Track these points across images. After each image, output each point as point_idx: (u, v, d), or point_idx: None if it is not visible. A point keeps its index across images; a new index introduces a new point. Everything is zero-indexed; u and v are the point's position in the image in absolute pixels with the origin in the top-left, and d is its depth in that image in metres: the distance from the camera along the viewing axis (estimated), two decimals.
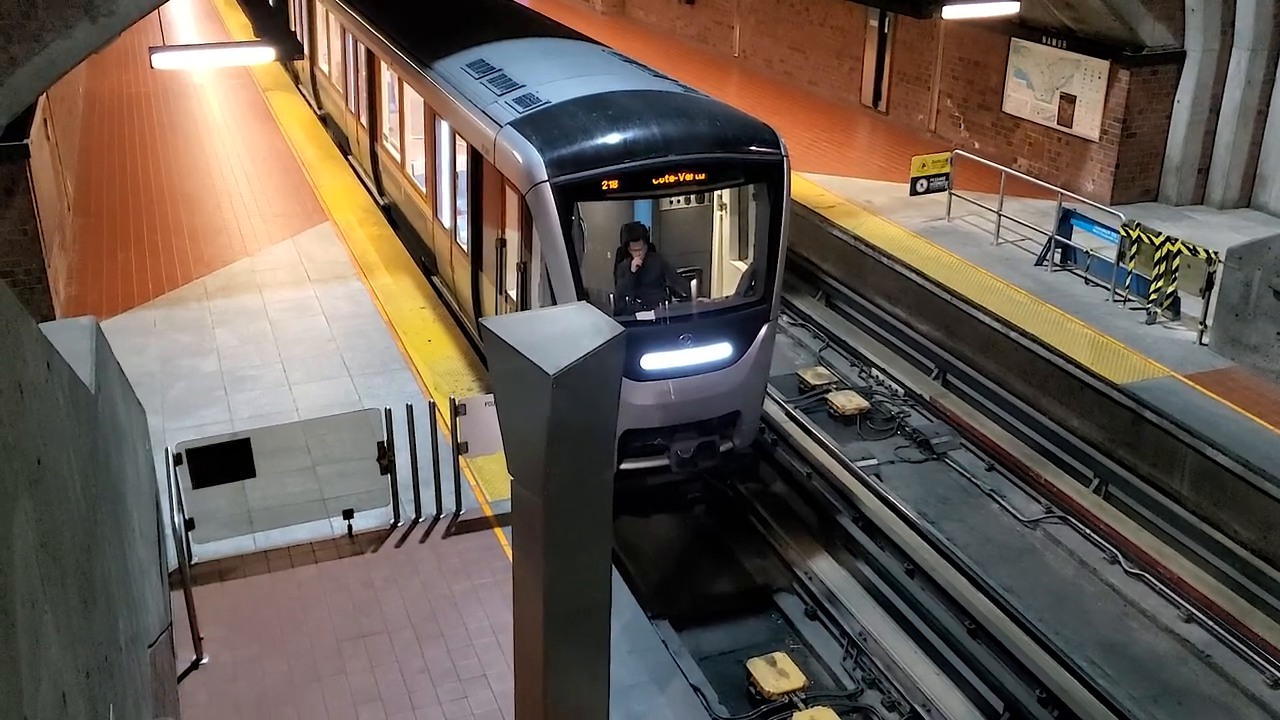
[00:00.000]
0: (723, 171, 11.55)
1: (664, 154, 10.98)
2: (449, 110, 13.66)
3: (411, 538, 10.46)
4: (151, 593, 7.61)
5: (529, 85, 12.48)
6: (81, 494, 4.94)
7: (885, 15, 24.80)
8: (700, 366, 11.37)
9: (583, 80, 12.40)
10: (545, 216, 10.71)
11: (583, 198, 11.01)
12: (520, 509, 6.61)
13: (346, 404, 12.32)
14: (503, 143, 11.52)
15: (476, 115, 12.50)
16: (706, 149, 11.22)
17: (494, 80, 13.05)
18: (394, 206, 18.07)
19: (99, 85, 26.32)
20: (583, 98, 11.75)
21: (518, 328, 6.32)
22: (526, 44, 14.69)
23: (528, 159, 10.91)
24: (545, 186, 10.67)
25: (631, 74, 13.15)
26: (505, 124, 11.66)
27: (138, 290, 15.53)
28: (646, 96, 11.90)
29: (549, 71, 12.96)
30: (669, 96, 12.15)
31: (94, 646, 4.56)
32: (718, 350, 11.42)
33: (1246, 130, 19.20)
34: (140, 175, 20.17)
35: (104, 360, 7.25)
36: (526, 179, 10.86)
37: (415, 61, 15.33)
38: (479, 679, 8.76)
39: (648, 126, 11.12)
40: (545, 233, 10.75)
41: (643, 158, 10.93)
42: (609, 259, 12.15)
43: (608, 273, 12.03)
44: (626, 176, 10.92)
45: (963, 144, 22.52)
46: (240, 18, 32.31)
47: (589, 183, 10.83)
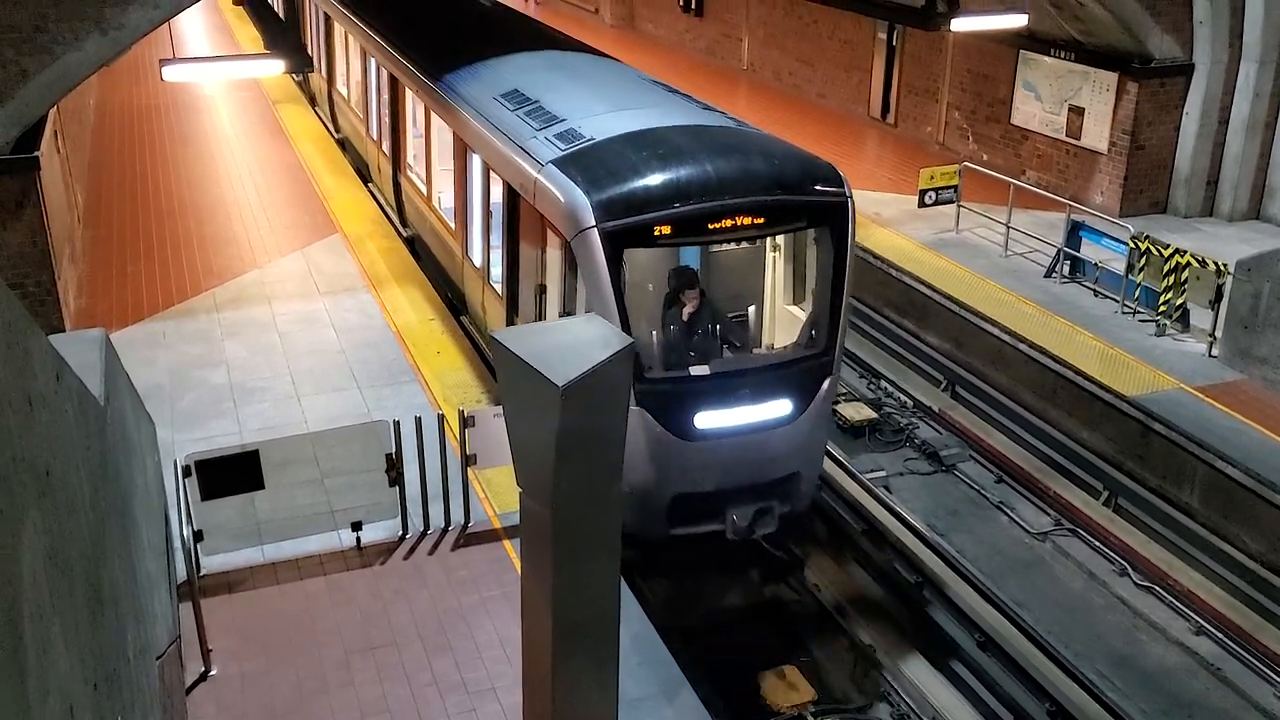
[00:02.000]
0: (783, 214, 10.70)
1: (720, 197, 10.15)
2: (482, 144, 12.89)
3: (420, 550, 10.45)
4: (160, 604, 7.61)
5: (570, 119, 11.64)
6: (90, 506, 4.94)
7: (894, 28, 24.82)
8: (758, 425, 10.41)
9: (627, 113, 11.63)
10: (592, 264, 9.86)
11: (632, 245, 10.14)
12: (529, 521, 6.61)
13: (355, 416, 12.33)
14: (544, 183, 10.70)
15: (514, 151, 11.70)
16: (765, 190, 10.38)
17: (531, 113, 12.21)
18: (418, 239, 17.37)
19: (110, 97, 26.44)
20: (630, 134, 10.92)
21: (526, 340, 6.32)
22: (562, 72, 13.82)
23: (572, 202, 10.08)
24: (592, 233, 9.83)
25: (679, 106, 12.31)
26: (546, 162, 10.84)
27: (147, 302, 15.57)
28: (698, 132, 11.09)
29: (590, 103, 12.17)
30: (722, 132, 11.33)
31: (102, 658, 4.56)
32: (777, 407, 10.47)
33: (1255, 142, 19.18)
34: (150, 187, 20.24)
35: (113, 372, 7.27)
36: (571, 224, 10.03)
37: (443, 89, 14.57)
38: (487, 692, 8.75)
39: (702, 166, 10.27)
40: (591, 281, 9.88)
41: (697, 201, 10.08)
42: (656, 306, 11.30)
43: (656, 322, 11.19)
44: (680, 221, 10.06)
45: (971, 156, 22.52)
46: (250, 30, 32.47)
47: (639, 229, 9.97)
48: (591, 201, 9.92)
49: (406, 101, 17.11)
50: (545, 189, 10.67)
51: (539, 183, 10.81)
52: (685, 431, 10.15)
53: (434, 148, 15.74)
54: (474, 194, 13.70)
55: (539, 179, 10.82)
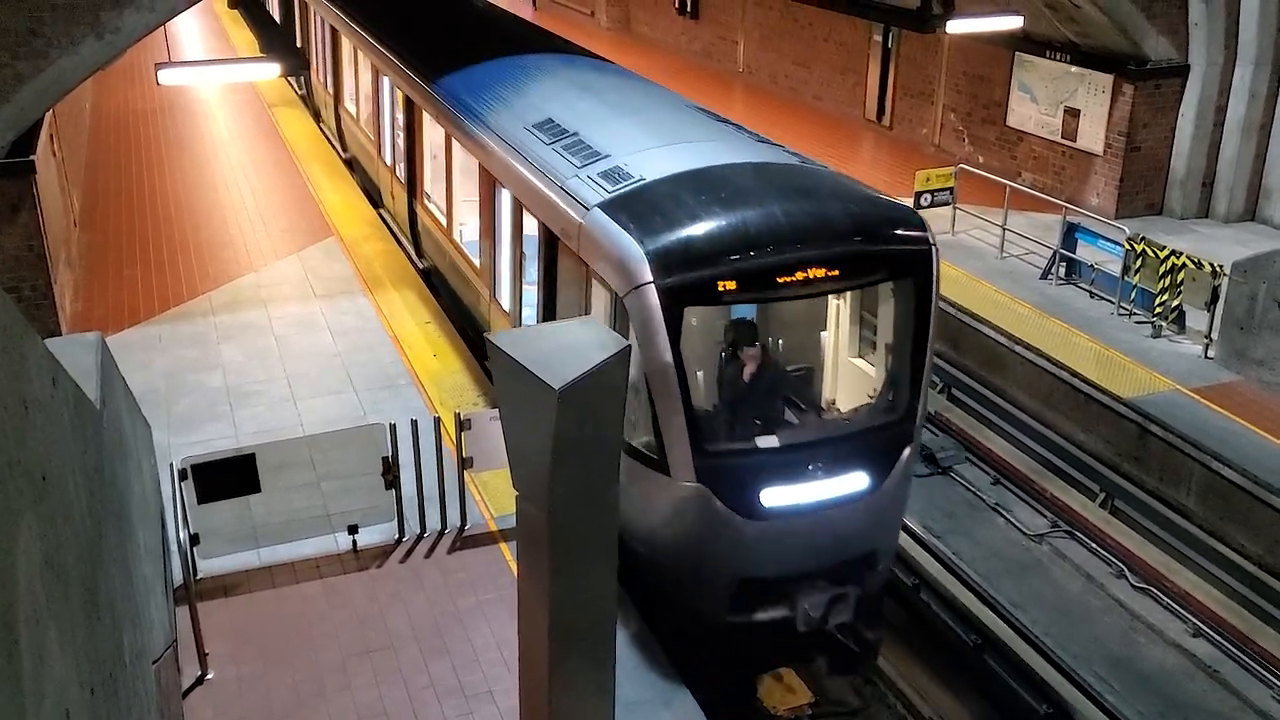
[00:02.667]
0: (862, 266, 9.63)
1: (792, 247, 9.11)
2: (512, 179, 11.80)
3: (416, 553, 10.44)
4: (156, 608, 7.60)
5: (614, 154, 10.59)
6: (86, 510, 4.94)
7: (889, 30, 24.86)
8: (832, 501, 9.37)
9: (678, 148, 10.57)
10: (648, 325, 8.76)
11: (694, 302, 9.14)
12: (525, 524, 6.61)
13: (351, 419, 12.32)
14: (591, 229, 9.65)
15: (552, 191, 10.63)
16: (843, 239, 9.38)
17: (570, 147, 11.13)
18: (436, 272, 16.30)
19: (105, 101, 26.43)
20: (685, 174, 9.87)
21: (523, 343, 6.32)
22: (599, 98, 12.58)
23: (626, 254, 9.02)
24: (649, 289, 8.74)
25: (733, 139, 11.19)
26: (592, 206, 9.81)
27: (143, 306, 15.56)
28: (762, 171, 10.07)
29: (634, 135, 11.08)
30: (788, 171, 10.30)
31: (98, 663, 4.55)
32: (853, 481, 9.44)
33: (1250, 144, 19.21)
34: (146, 191, 20.23)
35: (109, 376, 7.26)
36: (624, 278, 8.97)
37: (466, 115, 13.50)
38: (484, 695, 8.74)
39: (769, 212, 9.26)
40: (647, 343, 8.79)
41: (766, 252, 9.04)
42: (711, 365, 10.27)
43: (714, 383, 10.21)
44: (748, 276, 9.00)
45: (967, 158, 22.54)
46: (246, 34, 32.46)
47: (702, 285, 8.90)
48: (647, 253, 8.87)
49: (424, 126, 15.95)
50: (591, 236, 9.65)
51: (583, 229, 9.78)
52: (751, 510, 9.11)
53: (455, 177, 14.57)
54: (503, 232, 12.67)
55: (583, 225, 9.78)
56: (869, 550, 9.81)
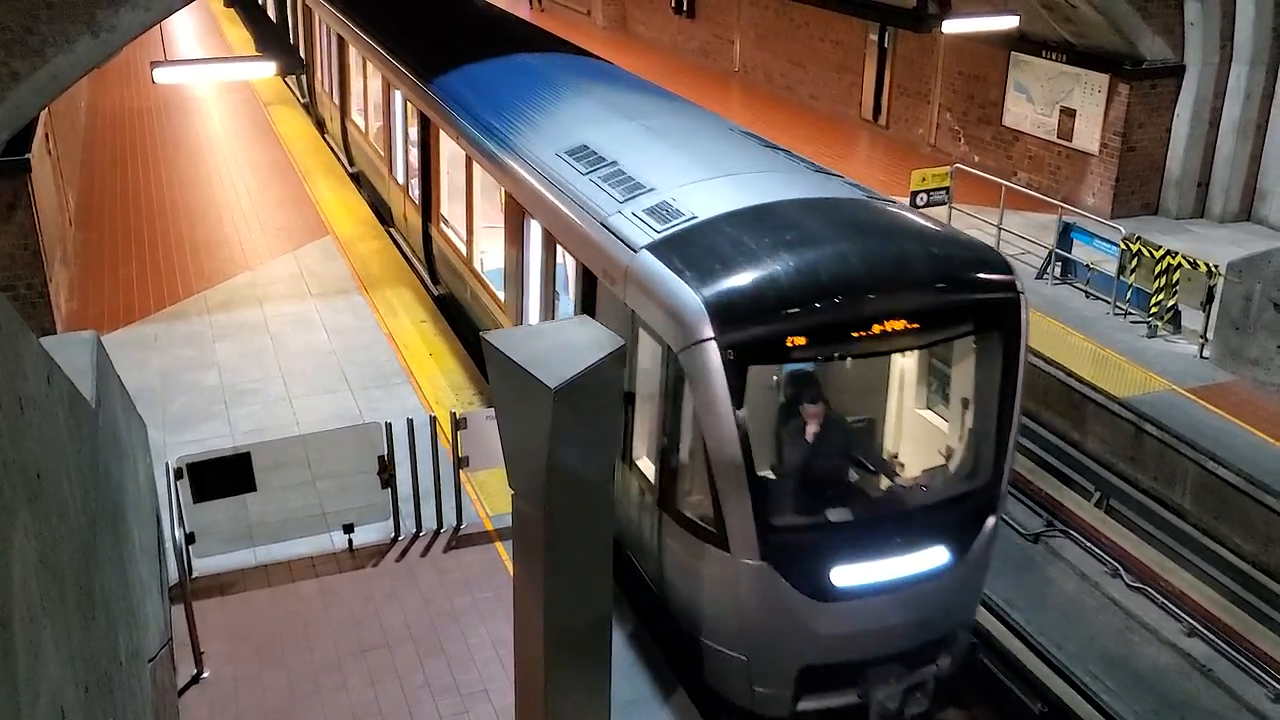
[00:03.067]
0: (946, 317, 8.61)
1: (869, 297, 8.19)
2: (544, 211, 10.89)
3: (412, 552, 10.44)
4: (152, 608, 7.59)
5: (660, 188, 9.64)
6: (81, 509, 4.93)
7: (885, 29, 24.88)
8: (910, 579, 8.46)
9: (730, 181, 9.64)
10: (708, 385, 7.85)
11: (760, 360, 8.26)
12: (521, 523, 6.61)
13: (347, 418, 12.31)
14: (640, 274, 8.71)
15: (592, 228, 9.72)
16: (924, 288, 8.44)
17: (610, 178, 10.18)
18: (454, 299, 15.31)
19: (101, 100, 26.39)
20: (742, 212, 8.98)
21: (519, 342, 6.32)
22: (638, 122, 11.55)
23: (682, 304, 8.08)
24: (709, 346, 7.82)
25: (790, 170, 10.23)
26: (640, 248, 8.86)
27: (139, 304, 15.54)
28: (827, 209, 9.14)
29: (680, 165, 10.13)
30: (857, 208, 9.36)
31: (93, 662, 4.55)
32: (933, 555, 8.55)
33: (1246, 144, 19.24)
34: (142, 190, 20.20)
35: (105, 374, 7.26)
36: (681, 332, 8.03)
37: (489, 137, 12.52)
38: (480, 694, 8.74)
39: (842, 256, 8.34)
40: (707, 406, 7.89)
41: (841, 303, 8.12)
42: (774, 427, 9.18)
43: (778, 448, 9.12)
44: (821, 330, 8.10)
45: (963, 157, 22.56)
46: (241, 32, 32.42)
47: (770, 340, 8.00)
48: (706, 305, 7.93)
49: (441, 145, 14.86)
50: (640, 282, 8.70)
51: (631, 273, 8.84)
52: (820, 590, 8.23)
53: (477, 203, 13.63)
54: (531, 266, 11.72)
55: (630, 268, 8.85)
56: (948, 630, 8.92)
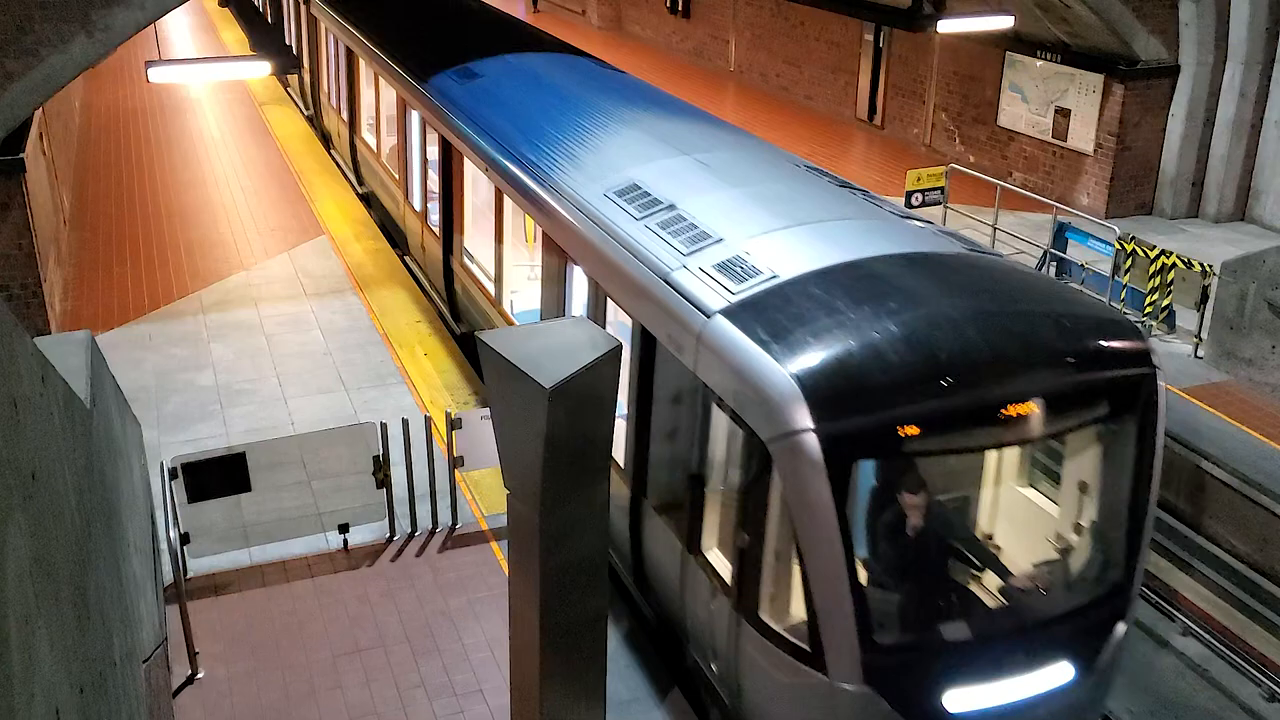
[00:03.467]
0: (1079, 400, 7.36)
1: (993, 378, 6.95)
2: (591, 258, 9.58)
3: (407, 552, 10.43)
4: (146, 608, 7.58)
5: (729, 238, 8.42)
6: (76, 509, 4.92)
7: (880, 30, 24.90)
8: (1031, 700, 7.36)
9: (809, 231, 8.37)
10: (805, 482, 6.66)
11: (868, 454, 7.14)
12: (516, 523, 6.60)
13: (342, 418, 12.31)
14: (717, 345, 7.47)
15: (653, 285, 8.39)
16: (1054, 364, 7.17)
17: (670, 224, 8.91)
18: (478, 340, 12.82)
19: (95, 99, 26.35)
20: (831, 271, 7.72)
21: (514, 342, 6.31)
22: (694, 156, 10.20)
23: (772, 386, 6.85)
24: (808, 438, 6.60)
25: (872, 215, 8.93)
26: (715, 312, 7.63)
27: (133, 304, 15.52)
28: (929, 266, 7.83)
29: (748, 211, 8.87)
30: (963, 266, 8.01)
31: (88, 663, 4.54)
32: (1057, 672, 7.43)
33: (1240, 143, 19.27)
34: (136, 189, 20.18)
35: (99, 374, 7.24)
36: (771, 419, 6.82)
37: (525, 172, 11.19)
38: (475, 694, 8.74)
39: (956, 327, 7.07)
40: (804, 505, 6.70)
41: (962, 386, 6.87)
42: (874, 527, 7.89)
43: (882, 554, 7.82)
44: (939, 419, 6.85)
45: (958, 157, 22.58)
46: (236, 32, 32.38)
47: (880, 432, 6.76)
48: (804, 388, 6.72)
49: (466, 173, 13.62)
50: (717, 354, 7.48)
51: (704, 341, 7.61)
52: (931, 716, 7.18)
53: (507, 239, 12.46)
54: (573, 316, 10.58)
55: (704, 336, 7.62)
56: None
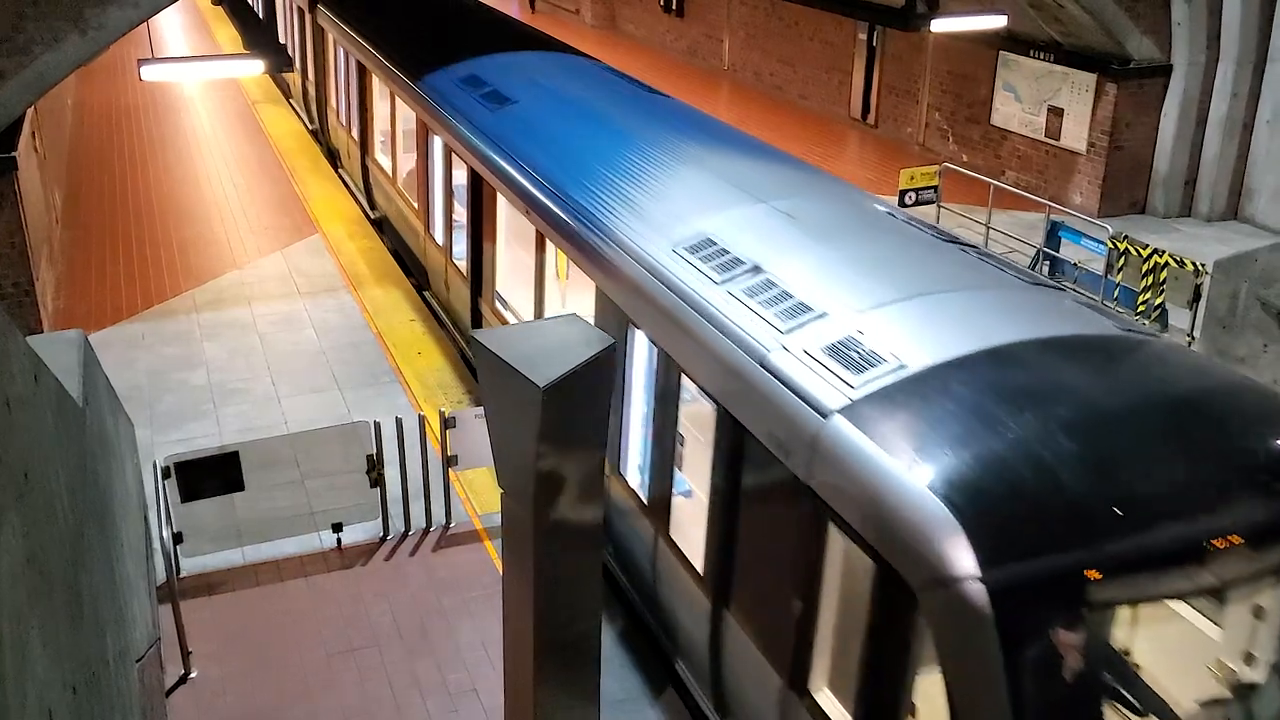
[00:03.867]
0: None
1: (1195, 508, 5.51)
2: (661, 326, 8.09)
3: (401, 551, 10.42)
4: (139, 607, 7.57)
5: (832, 311, 6.93)
6: (69, 508, 4.92)
7: (874, 29, 24.92)
8: None
9: (934, 304, 6.88)
10: (968, 643, 5.17)
11: (1046, 606, 5.28)
12: (510, 522, 6.60)
13: (336, 417, 12.29)
14: (838, 456, 6.05)
15: (745, 368, 6.97)
16: (1264, 488, 5.66)
17: (757, 291, 7.41)
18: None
19: (88, 97, 26.29)
20: (973, 359, 6.23)
21: (507, 340, 6.31)
22: (767, 202, 8.58)
23: (920, 518, 5.41)
24: (974, 589, 5.11)
25: (1003, 283, 7.38)
26: (833, 412, 6.20)
27: (126, 303, 15.49)
28: (1093, 356, 6.42)
29: (850, 274, 7.39)
30: (1133, 356, 6.54)
31: (81, 662, 4.53)
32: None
33: (1233, 143, 19.32)
34: (129, 188, 20.13)
35: (92, 373, 7.23)
36: (921, 560, 5.36)
37: (573, 216, 9.74)
38: (469, 693, 8.73)
39: (1142, 441, 5.70)
40: (964, 670, 5.21)
41: (1158, 519, 5.41)
42: (1043, 680, 5.87)
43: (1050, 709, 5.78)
44: (1133, 562, 5.33)
45: (951, 157, 22.61)
46: (229, 30, 32.33)
47: (1061, 580, 5.25)
48: (966, 524, 5.25)
49: (499, 212, 11.88)
50: (840, 468, 6.02)
51: (821, 449, 6.17)
52: None
53: (551, 290, 11.01)
54: (634, 393, 8.97)
55: (820, 442, 6.18)
56: None
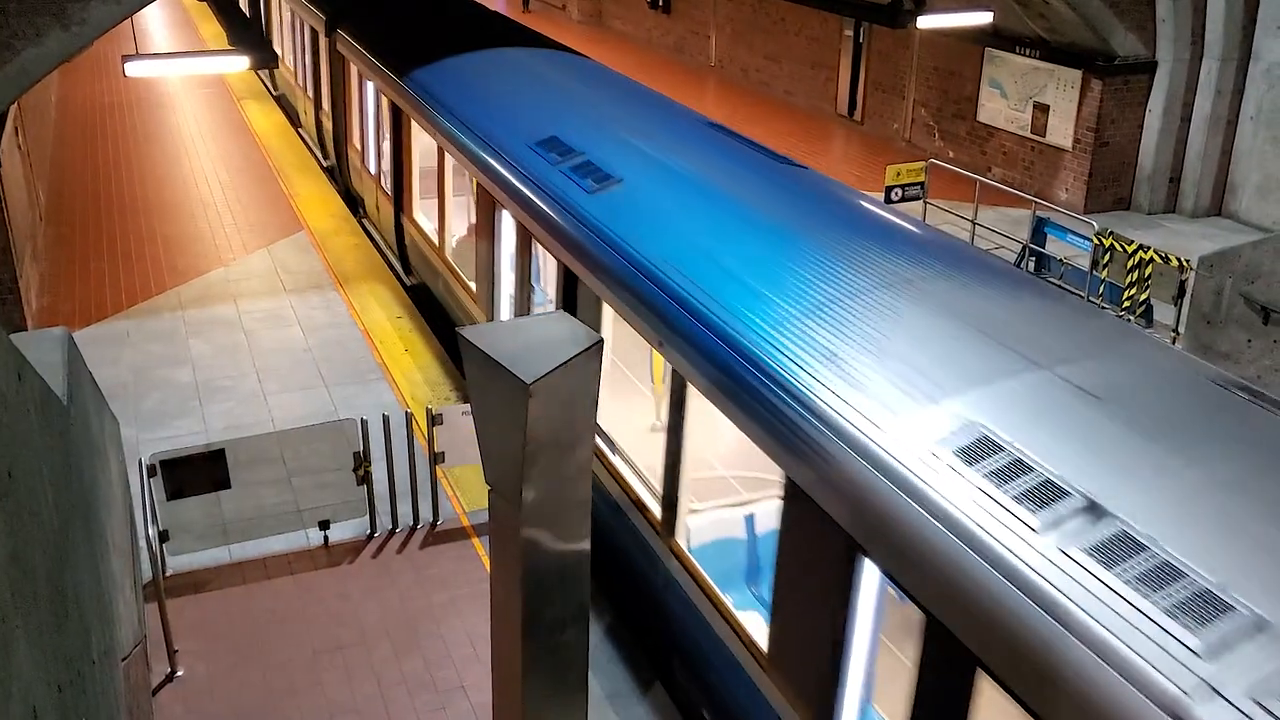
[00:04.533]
0: None
1: None
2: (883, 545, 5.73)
3: (388, 549, 10.40)
4: (125, 606, 7.54)
5: (1101, 495, 5.13)
6: (53, 507, 4.89)
7: (860, 25, 24.95)
8: None
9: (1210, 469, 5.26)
10: None
11: None
12: (498, 518, 6.59)
13: (322, 414, 12.26)
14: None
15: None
16: None
17: (987, 465, 5.44)
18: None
19: (72, 93, 26.16)
20: None
21: (494, 337, 6.30)
22: (1049, 370, 6.20)
23: None
24: None
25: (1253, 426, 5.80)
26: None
27: (111, 301, 15.42)
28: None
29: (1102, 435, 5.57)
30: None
31: (66, 661, 4.51)
32: None
33: (1217, 139, 19.40)
34: (114, 184, 20.04)
35: (76, 371, 7.19)
36: None
37: (739, 360, 7.12)
38: (457, 690, 8.72)
39: None
40: None
41: None
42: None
43: None
44: None
45: (937, 153, 22.65)
46: (214, 26, 32.19)
47: None
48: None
49: (605, 322, 9.31)
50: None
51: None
52: None
53: (688, 433, 8.12)
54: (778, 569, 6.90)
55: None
56: None
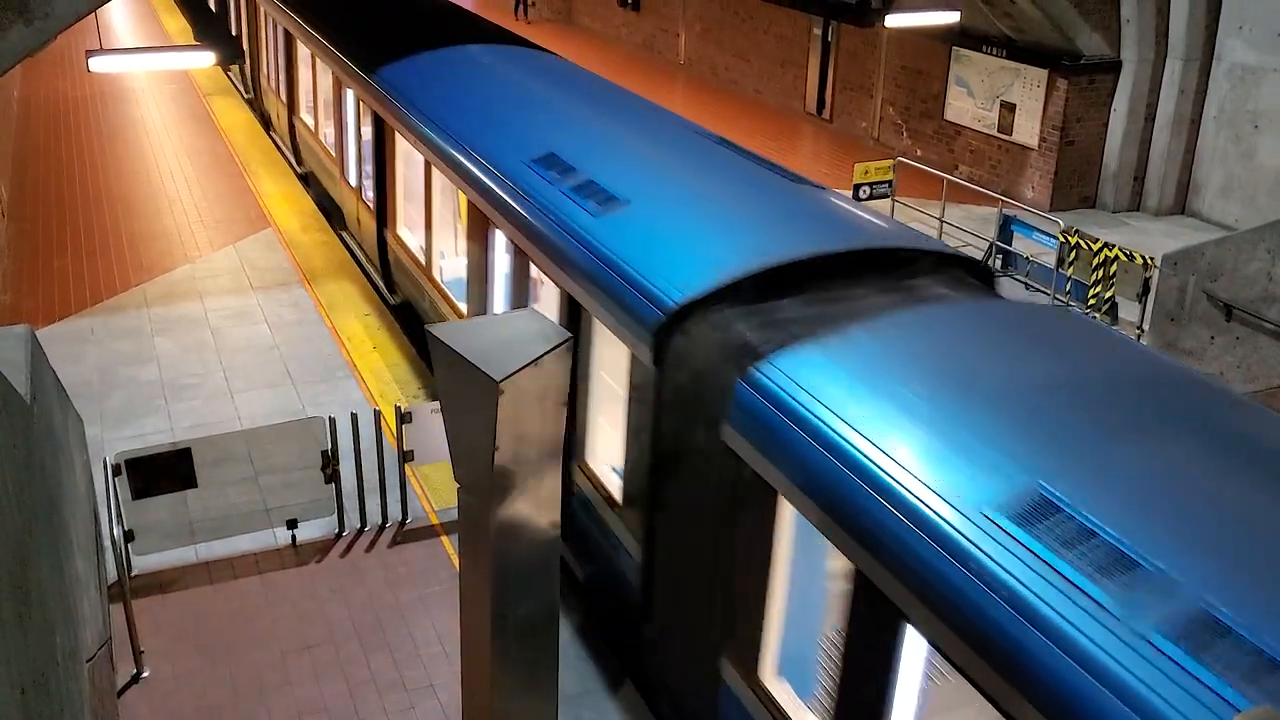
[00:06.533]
0: None
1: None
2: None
3: (357, 547, 10.36)
4: (89, 606, 7.47)
5: None
6: (16, 506, 4.84)
7: (829, 24, 25.04)
8: None
9: None
10: None
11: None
12: (467, 517, 6.58)
13: (290, 412, 12.18)
14: None
15: None
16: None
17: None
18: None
19: (34, 89, 25.87)
20: None
21: (464, 334, 6.28)
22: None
23: None
24: None
25: None
26: None
27: (75, 298, 15.27)
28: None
29: None
30: None
31: (29, 663, 4.47)
32: None
33: (1180, 138, 19.61)
34: (78, 180, 19.84)
35: (40, 369, 7.12)
36: None
37: None
38: (426, 689, 8.70)
39: None
40: None
41: None
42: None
43: None
44: None
45: (905, 151, 22.78)
46: (179, 21, 31.92)
47: None
48: None
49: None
50: None
51: None
52: None
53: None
54: None
55: None
56: None
